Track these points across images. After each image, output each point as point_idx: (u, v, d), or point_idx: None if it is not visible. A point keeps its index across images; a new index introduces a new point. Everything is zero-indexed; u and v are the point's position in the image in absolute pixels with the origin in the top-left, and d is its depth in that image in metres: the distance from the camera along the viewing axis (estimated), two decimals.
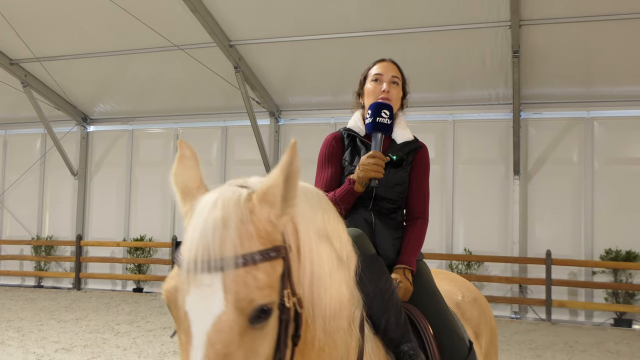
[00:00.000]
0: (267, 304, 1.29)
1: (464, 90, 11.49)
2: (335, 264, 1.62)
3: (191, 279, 1.28)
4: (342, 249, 1.69)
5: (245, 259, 1.28)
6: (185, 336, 1.31)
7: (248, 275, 1.27)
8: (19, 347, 7.54)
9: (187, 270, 1.28)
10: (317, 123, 12.78)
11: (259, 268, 1.29)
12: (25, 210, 14.93)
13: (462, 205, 11.69)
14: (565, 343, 8.73)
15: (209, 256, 1.26)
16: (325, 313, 1.54)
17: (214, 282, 1.27)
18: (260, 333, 1.31)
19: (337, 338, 1.65)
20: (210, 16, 10.19)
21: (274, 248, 1.34)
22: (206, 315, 1.27)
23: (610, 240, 10.66)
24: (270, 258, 1.32)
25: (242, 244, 1.29)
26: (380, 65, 2.58)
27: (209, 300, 1.27)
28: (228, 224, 1.29)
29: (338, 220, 1.73)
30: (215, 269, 1.26)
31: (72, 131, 14.51)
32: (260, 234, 1.33)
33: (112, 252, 13.99)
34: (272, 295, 1.31)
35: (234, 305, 1.26)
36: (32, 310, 10.61)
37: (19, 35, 10.98)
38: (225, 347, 1.26)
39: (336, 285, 1.60)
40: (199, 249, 1.28)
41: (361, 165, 2.22)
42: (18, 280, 14.73)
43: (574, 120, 11.30)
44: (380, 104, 2.37)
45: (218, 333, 1.26)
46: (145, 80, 12.65)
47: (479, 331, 2.64)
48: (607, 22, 9.17)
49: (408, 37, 10.08)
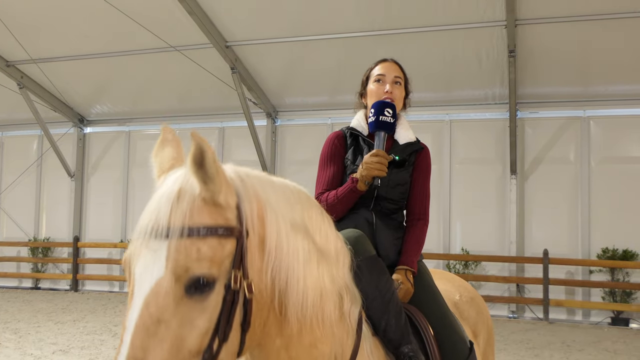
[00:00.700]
0: (204, 276, 1.34)
1: (460, 90, 11.50)
2: (314, 256, 1.64)
3: (142, 244, 1.37)
4: (327, 244, 1.72)
5: (191, 230, 1.35)
6: (129, 298, 1.37)
7: (191, 246, 1.34)
8: (16, 349, 7.53)
9: (139, 235, 1.39)
10: (313, 124, 12.78)
11: (205, 241, 1.36)
12: (22, 211, 14.89)
13: (459, 205, 11.70)
14: (563, 342, 8.75)
15: (159, 224, 1.35)
16: (301, 303, 1.58)
17: (160, 248, 1.34)
18: (199, 305, 1.34)
19: (326, 333, 1.67)
20: (207, 17, 10.18)
21: (225, 227, 1.40)
22: (147, 278, 1.34)
23: (607, 239, 10.68)
24: (218, 234, 1.38)
25: (191, 216, 1.36)
26: (382, 66, 2.58)
27: (152, 265, 1.34)
28: (182, 197, 1.38)
29: (323, 217, 1.76)
30: (163, 236, 1.34)
31: (68, 132, 14.48)
32: (211, 211, 1.39)
33: (110, 253, 13.96)
34: (212, 269, 1.35)
35: (172, 271, 1.32)
36: (30, 312, 10.59)
37: (15, 36, 10.95)
38: (159, 311, 1.31)
39: (314, 276, 1.63)
40: (152, 217, 1.38)
41: (364, 164, 2.22)
42: (15, 282, 14.69)
43: (570, 120, 11.32)
44: (383, 102, 2.38)
45: (154, 296, 1.32)
46: (141, 81, 12.63)
47: (477, 330, 2.65)
48: (603, 22, 9.19)
49: (404, 37, 10.09)
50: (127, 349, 1.30)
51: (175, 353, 1.31)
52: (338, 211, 2.29)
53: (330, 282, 1.70)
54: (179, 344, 1.32)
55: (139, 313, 1.32)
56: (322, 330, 1.68)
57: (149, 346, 1.30)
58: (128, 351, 1.29)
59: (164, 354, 1.30)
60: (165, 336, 1.31)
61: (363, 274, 1.96)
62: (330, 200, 2.31)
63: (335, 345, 1.72)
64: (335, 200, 2.29)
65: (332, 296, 1.72)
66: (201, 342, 1.35)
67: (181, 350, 1.32)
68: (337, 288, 1.75)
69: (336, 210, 2.27)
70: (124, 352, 1.30)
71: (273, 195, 1.59)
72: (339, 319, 1.74)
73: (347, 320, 1.76)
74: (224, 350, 1.39)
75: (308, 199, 1.74)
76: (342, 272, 1.79)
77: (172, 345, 1.31)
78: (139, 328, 1.31)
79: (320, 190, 2.41)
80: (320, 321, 1.67)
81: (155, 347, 1.30)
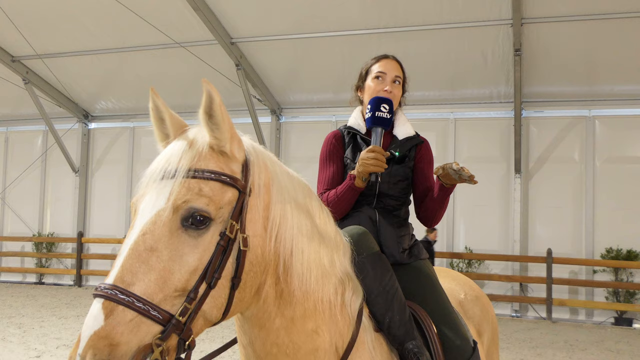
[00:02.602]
0: (201, 211, 1.42)
1: (465, 88, 11.48)
2: (316, 236, 1.73)
3: (150, 184, 1.49)
4: (326, 229, 1.80)
5: (196, 171, 1.46)
6: (129, 230, 1.46)
7: (194, 184, 1.45)
8: (20, 344, 7.55)
9: (149, 177, 1.51)
10: (318, 121, 12.77)
11: (208, 183, 1.46)
12: (27, 207, 14.94)
13: (463, 204, 11.69)
14: (566, 341, 8.74)
15: (169, 166, 1.48)
16: (303, 273, 1.66)
17: (166, 186, 1.45)
18: (192, 241, 1.42)
19: (328, 320, 1.72)
20: (212, 14, 10.19)
21: (229, 176, 1.51)
22: (149, 210, 1.44)
23: (611, 239, 10.66)
24: (221, 180, 1.48)
25: (198, 160, 1.48)
26: (383, 63, 2.54)
27: (155, 199, 1.44)
28: (193, 146, 1.51)
29: (322, 207, 1.85)
30: (170, 176, 1.46)
31: (73, 128, 14.52)
32: (218, 159, 1.51)
33: (113, 249, 14.00)
34: (210, 207, 1.44)
35: (172, 203, 1.41)
36: (34, 307, 10.63)
37: (21, 32, 10.97)
38: (153, 239, 1.39)
39: (315, 253, 1.71)
40: (162, 161, 1.51)
41: (361, 160, 2.21)
42: (19, 277, 14.74)
43: (575, 119, 11.30)
44: (379, 98, 2.35)
45: (152, 225, 1.40)
46: (146, 77, 12.63)
47: (481, 329, 2.64)
48: (609, 21, 9.16)
49: (409, 35, 10.08)
50: (117, 271, 1.36)
51: (162, 284, 1.36)
52: (339, 209, 2.29)
53: (330, 264, 1.76)
54: (166, 276, 1.37)
55: (135, 239, 1.40)
56: (324, 316, 1.71)
57: (139, 272, 1.35)
58: (117, 273, 1.36)
59: (150, 283, 1.35)
60: (155, 265, 1.36)
61: (367, 270, 1.96)
62: (330, 199, 2.30)
63: (336, 336, 1.74)
64: (335, 198, 2.29)
65: (332, 279, 1.76)
66: (188, 280, 1.39)
67: (167, 283, 1.36)
68: (339, 274, 1.79)
69: (338, 209, 2.27)
70: (113, 274, 1.36)
71: (280, 173, 1.70)
72: (341, 308, 1.76)
73: (347, 310, 1.79)
74: (210, 299, 1.43)
75: (309, 190, 1.83)
76: (343, 259, 1.83)
77: (160, 276, 1.36)
78: (132, 253, 1.37)
79: (321, 190, 2.41)
80: (323, 304, 1.71)
81: (144, 273, 1.35)
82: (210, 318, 1.46)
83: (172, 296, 1.37)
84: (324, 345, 1.71)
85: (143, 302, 1.32)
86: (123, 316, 1.30)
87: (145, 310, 1.32)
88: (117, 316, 1.30)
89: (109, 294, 1.32)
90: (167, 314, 1.35)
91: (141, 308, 1.31)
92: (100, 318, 1.29)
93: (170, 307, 1.36)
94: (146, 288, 1.34)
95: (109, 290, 1.32)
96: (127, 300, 1.31)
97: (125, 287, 1.33)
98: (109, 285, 1.33)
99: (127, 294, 1.32)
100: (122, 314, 1.30)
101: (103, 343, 1.27)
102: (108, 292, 1.32)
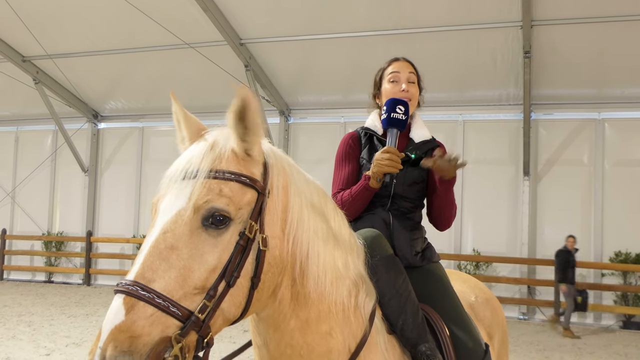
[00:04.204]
0: (221, 211, 1.45)
1: (474, 90, 11.47)
2: (331, 239, 1.75)
3: (171, 185, 1.52)
4: (340, 232, 1.83)
5: (217, 173, 1.49)
6: (150, 229, 1.49)
7: (215, 185, 1.47)
8: (30, 342, 7.61)
9: (170, 177, 1.54)
10: (326, 122, 12.78)
11: (228, 184, 1.49)
12: (36, 206, 15.03)
13: (471, 206, 11.67)
14: (574, 345, 8.72)
15: (190, 167, 1.51)
16: (319, 275, 1.68)
17: (187, 187, 1.48)
18: (212, 240, 1.45)
19: (342, 322, 1.74)
20: (221, 15, 10.22)
21: (249, 177, 1.54)
22: (169, 209, 1.47)
23: (620, 243, 10.62)
24: (242, 182, 1.51)
25: (220, 162, 1.51)
26: (395, 65, 2.58)
27: (176, 199, 1.48)
28: (214, 148, 1.54)
29: (336, 210, 1.87)
30: (190, 176, 1.49)
31: (82, 128, 14.60)
32: (240, 162, 1.54)
33: (122, 248, 14.07)
34: (230, 207, 1.47)
35: (193, 203, 1.44)
36: (43, 305, 10.70)
37: (31, 32, 11.04)
38: (174, 238, 1.42)
39: (330, 256, 1.73)
40: (183, 162, 1.53)
41: (375, 160, 2.22)
42: (29, 276, 14.84)
43: (584, 122, 11.27)
44: (395, 100, 2.38)
45: (173, 224, 1.43)
46: (155, 78, 12.69)
47: (492, 332, 2.65)
48: (619, 23, 9.14)
49: (418, 37, 10.08)
50: (137, 267, 1.39)
51: (182, 282, 1.38)
52: (353, 210, 2.30)
53: (344, 267, 1.78)
54: (186, 274, 1.39)
55: (156, 238, 1.43)
56: (338, 318, 1.73)
57: (159, 269, 1.38)
58: (139, 269, 1.39)
59: (170, 280, 1.38)
60: (175, 263, 1.39)
61: (380, 273, 1.97)
62: (345, 199, 2.32)
63: (349, 338, 1.75)
64: (350, 198, 2.31)
65: (346, 281, 1.78)
66: (207, 279, 1.42)
67: (187, 281, 1.39)
68: (353, 277, 1.81)
69: (352, 209, 2.28)
70: (134, 270, 1.39)
71: (297, 176, 1.73)
72: (354, 310, 1.78)
73: (361, 312, 1.80)
74: (229, 298, 1.45)
75: (325, 193, 1.85)
76: (357, 262, 1.85)
77: (180, 274, 1.39)
78: (153, 251, 1.41)
79: (336, 190, 2.43)
80: (337, 306, 1.73)
81: (164, 271, 1.38)
82: (228, 316, 1.49)
83: (191, 293, 1.39)
84: (338, 346, 1.73)
85: (163, 298, 1.35)
86: (144, 311, 1.33)
87: (165, 306, 1.34)
88: (137, 311, 1.33)
89: (130, 290, 1.35)
90: (186, 311, 1.37)
91: (161, 304, 1.34)
92: (121, 313, 1.32)
93: (190, 304, 1.39)
94: (166, 285, 1.37)
95: (130, 286, 1.35)
96: (147, 297, 1.34)
97: (146, 283, 1.36)
98: (130, 282, 1.37)
99: (147, 290, 1.35)
100: (143, 309, 1.33)
101: (124, 336, 1.30)
102: (129, 288, 1.35)
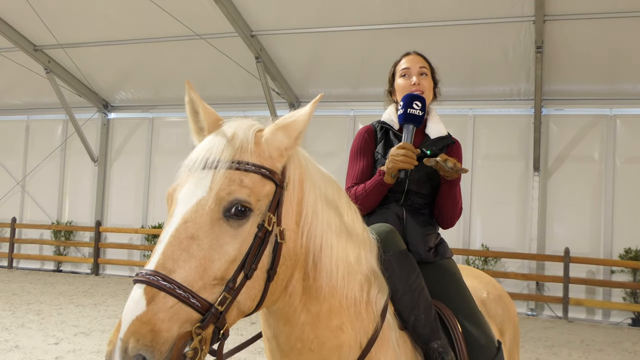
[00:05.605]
0: (243, 202, 1.45)
1: (485, 85, 11.41)
2: (344, 233, 1.75)
3: (190, 174, 1.51)
4: (353, 226, 1.82)
5: (238, 164, 1.49)
6: (168, 219, 1.47)
7: (236, 176, 1.47)
8: (39, 330, 7.66)
9: (188, 167, 1.53)
10: (335, 115, 12.73)
11: (248, 175, 1.49)
12: (46, 195, 15.10)
13: (480, 201, 11.63)
14: (582, 341, 8.69)
15: (210, 156, 1.49)
16: (331, 269, 1.68)
17: (207, 176, 1.47)
18: (232, 231, 1.44)
19: (354, 317, 1.74)
20: (233, 6, 10.20)
21: (270, 169, 1.54)
22: (190, 199, 1.45)
23: (630, 239, 10.55)
24: (262, 174, 1.51)
25: (240, 153, 1.51)
26: (406, 59, 2.58)
27: (196, 189, 1.46)
28: (234, 139, 1.53)
29: (350, 204, 1.87)
30: (211, 166, 1.48)
31: (93, 118, 14.63)
32: (262, 154, 1.55)
33: (131, 238, 14.13)
34: (251, 198, 1.47)
35: (215, 193, 1.43)
36: (52, 294, 10.77)
37: (43, 21, 11.07)
38: (195, 227, 1.41)
39: (343, 250, 1.73)
40: (203, 152, 1.52)
41: (390, 156, 2.22)
42: (38, 264, 14.93)
43: (596, 118, 11.18)
44: (412, 95, 2.37)
45: (193, 214, 1.42)
46: (166, 68, 12.70)
47: (503, 329, 2.63)
48: (632, 19, 9.04)
49: (429, 31, 10.02)
50: (158, 257, 1.38)
51: (202, 272, 1.37)
52: (367, 204, 2.30)
53: (356, 261, 1.78)
54: (206, 264, 1.38)
55: (176, 227, 1.42)
56: (350, 313, 1.73)
57: (180, 259, 1.37)
58: (159, 259, 1.37)
59: (191, 270, 1.36)
60: (196, 253, 1.38)
61: (393, 269, 1.97)
62: (359, 193, 2.32)
63: (361, 333, 1.75)
64: (363, 193, 2.31)
65: (358, 276, 1.77)
66: (227, 270, 1.41)
67: (207, 271, 1.38)
68: (365, 271, 1.81)
69: (365, 204, 2.28)
70: (154, 260, 1.38)
71: (312, 169, 1.75)
72: (366, 305, 1.78)
73: (373, 307, 1.80)
74: (245, 290, 1.45)
75: (339, 187, 1.85)
76: (369, 256, 1.85)
77: (200, 264, 1.38)
78: (174, 240, 1.39)
79: (350, 184, 2.42)
80: (348, 301, 1.72)
81: (185, 261, 1.37)
82: (243, 309, 1.48)
83: (210, 284, 1.38)
84: (349, 341, 1.72)
85: (184, 289, 1.34)
86: (164, 303, 1.32)
87: (186, 297, 1.33)
88: (158, 302, 1.31)
89: (151, 280, 1.33)
90: (205, 302, 1.36)
91: (182, 295, 1.33)
92: (142, 303, 1.31)
93: (209, 295, 1.38)
94: (187, 275, 1.36)
95: (151, 276, 1.34)
96: (168, 287, 1.32)
97: (166, 273, 1.34)
98: (150, 271, 1.35)
99: (168, 280, 1.33)
100: (164, 301, 1.32)
101: (145, 329, 1.28)
102: (150, 277, 1.34)
